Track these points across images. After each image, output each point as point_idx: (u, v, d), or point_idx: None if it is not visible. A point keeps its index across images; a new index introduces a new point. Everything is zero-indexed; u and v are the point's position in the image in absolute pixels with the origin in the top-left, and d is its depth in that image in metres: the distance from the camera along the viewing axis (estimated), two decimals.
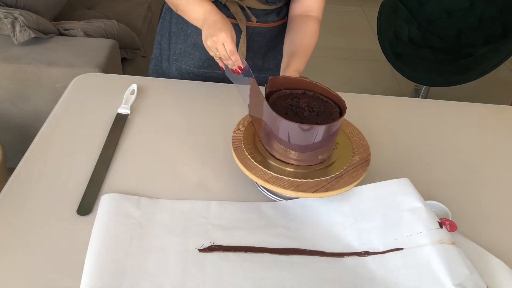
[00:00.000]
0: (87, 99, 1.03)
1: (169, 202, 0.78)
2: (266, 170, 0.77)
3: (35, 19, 1.68)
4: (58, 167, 0.85)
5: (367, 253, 0.72)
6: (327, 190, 0.75)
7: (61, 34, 1.80)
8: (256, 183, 0.83)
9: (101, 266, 0.65)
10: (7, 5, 1.74)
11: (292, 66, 0.95)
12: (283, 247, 0.72)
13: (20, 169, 0.84)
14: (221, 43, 0.85)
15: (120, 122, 0.96)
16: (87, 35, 1.82)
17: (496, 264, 0.72)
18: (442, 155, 0.97)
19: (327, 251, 0.72)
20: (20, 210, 0.76)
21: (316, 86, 0.83)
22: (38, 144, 0.90)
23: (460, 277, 0.64)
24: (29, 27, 1.63)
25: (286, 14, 1.12)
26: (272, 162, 0.79)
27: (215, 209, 0.78)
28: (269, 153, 0.80)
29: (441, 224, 0.70)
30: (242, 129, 0.85)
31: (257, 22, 1.07)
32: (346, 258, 0.71)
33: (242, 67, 0.86)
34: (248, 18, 1.05)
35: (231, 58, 0.85)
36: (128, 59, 2.03)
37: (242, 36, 1.05)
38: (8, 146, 1.31)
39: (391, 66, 2.30)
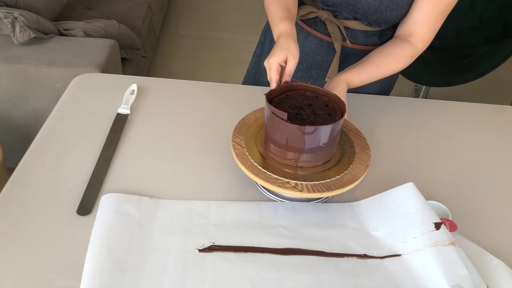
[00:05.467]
0: (87, 99, 1.03)
1: (169, 202, 0.78)
2: (265, 170, 0.77)
3: (35, 19, 1.68)
4: (58, 167, 0.85)
5: (366, 256, 0.72)
6: (325, 190, 0.75)
7: (61, 34, 1.80)
8: (256, 183, 0.83)
9: (101, 266, 0.65)
10: (7, 5, 1.74)
11: (346, 74, 0.90)
12: (283, 247, 0.72)
13: (20, 169, 0.84)
14: (268, 66, 0.81)
15: (120, 122, 0.96)
16: (87, 35, 1.82)
17: (496, 264, 0.72)
18: (442, 155, 0.97)
19: (327, 251, 0.72)
20: (20, 210, 0.76)
21: (316, 88, 0.83)
22: (38, 144, 0.90)
23: (456, 277, 0.64)
24: (29, 27, 1.63)
25: (390, 38, 1.04)
26: (272, 163, 0.79)
27: (215, 210, 0.78)
28: (269, 153, 0.80)
29: (437, 225, 0.70)
30: (242, 127, 0.85)
31: (355, 43, 1.04)
32: (346, 259, 0.71)
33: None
34: (344, 39, 1.02)
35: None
36: (128, 59, 2.03)
37: (335, 56, 1.03)
38: (8, 146, 1.31)
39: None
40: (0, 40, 1.66)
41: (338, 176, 0.77)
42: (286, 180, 0.75)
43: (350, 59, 1.07)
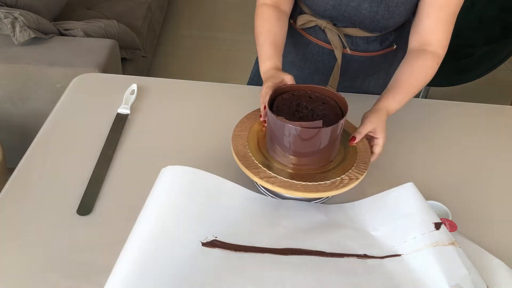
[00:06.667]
0: (87, 99, 1.03)
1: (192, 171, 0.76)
2: (265, 169, 0.77)
3: (35, 19, 1.68)
4: (58, 167, 0.85)
5: (366, 256, 0.72)
6: (324, 190, 0.75)
7: (61, 34, 1.80)
8: (256, 183, 0.83)
9: (130, 257, 0.64)
10: (7, 5, 1.74)
11: (382, 101, 0.89)
12: (283, 247, 0.72)
13: (20, 169, 0.84)
14: (264, 89, 0.82)
15: (120, 122, 0.96)
16: (87, 35, 1.82)
17: (496, 264, 0.72)
18: (442, 155, 0.97)
19: (327, 251, 0.72)
20: (20, 210, 0.76)
21: (318, 88, 0.83)
22: (38, 144, 0.90)
23: (456, 278, 0.64)
24: (29, 27, 1.63)
25: (392, 43, 1.05)
26: (271, 163, 0.79)
27: (228, 192, 0.77)
28: (269, 153, 0.80)
29: (437, 225, 0.70)
30: (242, 128, 0.85)
31: (356, 50, 1.03)
32: (345, 259, 0.71)
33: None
34: (344, 46, 1.02)
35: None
36: (128, 59, 2.03)
37: (336, 64, 1.03)
38: (8, 146, 1.31)
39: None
40: (0, 40, 1.66)
41: (343, 176, 0.78)
42: (284, 180, 0.75)
43: (351, 65, 1.07)
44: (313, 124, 0.73)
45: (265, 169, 0.77)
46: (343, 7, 0.94)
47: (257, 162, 0.79)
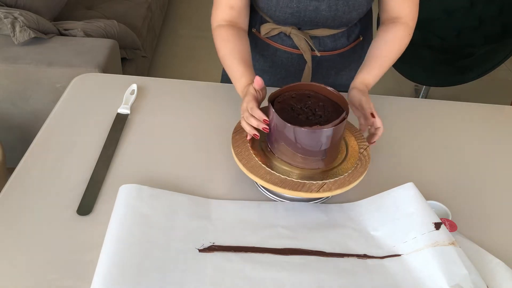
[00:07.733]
0: (87, 99, 1.03)
1: (171, 194, 0.78)
2: (266, 168, 0.77)
3: (35, 19, 1.68)
4: (58, 167, 0.85)
5: (366, 256, 0.72)
6: (324, 190, 0.75)
7: (61, 34, 1.80)
8: (256, 183, 0.83)
9: (109, 261, 0.65)
10: (7, 5, 1.74)
11: (358, 78, 0.92)
12: (283, 247, 0.72)
13: (20, 169, 0.84)
14: (246, 104, 0.81)
15: (120, 122, 0.96)
16: (87, 35, 1.82)
17: (496, 264, 0.72)
18: (442, 155, 0.97)
19: (327, 251, 0.72)
20: (20, 210, 0.76)
21: (319, 87, 0.82)
22: (38, 144, 0.90)
23: (456, 278, 0.64)
24: (29, 27, 1.63)
25: (359, 35, 1.07)
26: (272, 162, 0.79)
27: (215, 209, 0.78)
28: (270, 152, 0.80)
29: (437, 225, 0.70)
30: (241, 130, 0.85)
31: (325, 50, 1.04)
32: (345, 259, 0.71)
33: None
34: (313, 49, 1.02)
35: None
36: (128, 59, 2.03)
37: (306, 66, 1.04)
38: (8, 146, 1.31)
39: (391, 66, 2.30)
40: (0, 40, 1.66)
41: (341, 176, 0.77)
42: (283, 178, 0.75)
43: (322, 64, 1.08)
44: (342, 118, 0.75)
45: (291, 178, 0.76)
46: (302, 12, 0.95)
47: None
